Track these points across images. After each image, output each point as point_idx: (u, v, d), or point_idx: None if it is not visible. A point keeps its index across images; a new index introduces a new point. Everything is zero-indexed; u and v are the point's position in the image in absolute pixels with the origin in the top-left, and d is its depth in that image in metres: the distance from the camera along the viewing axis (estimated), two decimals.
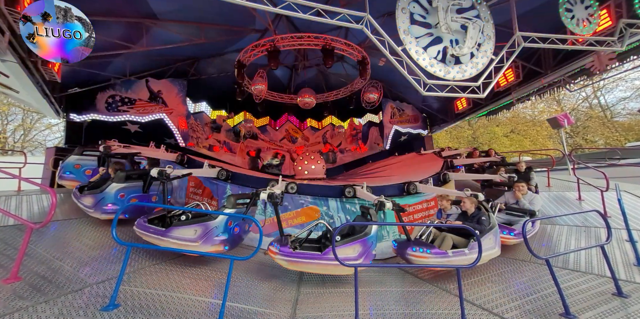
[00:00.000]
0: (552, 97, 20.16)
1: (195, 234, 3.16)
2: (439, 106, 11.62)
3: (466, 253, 3.21)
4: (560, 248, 3.92)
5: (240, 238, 3.76)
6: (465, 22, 4.67)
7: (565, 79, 7.50)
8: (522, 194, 4.32)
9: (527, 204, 4.23)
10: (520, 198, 4.30)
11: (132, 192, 3.96)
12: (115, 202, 3.79)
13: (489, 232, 3.36)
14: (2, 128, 18.67)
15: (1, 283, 2.28)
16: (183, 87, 9.22)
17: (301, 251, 3.16)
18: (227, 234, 3.29)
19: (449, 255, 3.18)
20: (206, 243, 3.15)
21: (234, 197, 3.48)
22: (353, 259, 3.03)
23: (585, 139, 21.05)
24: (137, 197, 4.00)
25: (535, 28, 5.24)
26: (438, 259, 3.17)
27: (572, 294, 2.68)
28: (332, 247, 2.61)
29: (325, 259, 3.05)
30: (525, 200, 4.27)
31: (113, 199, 3.78)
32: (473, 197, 3.74)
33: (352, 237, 3.15)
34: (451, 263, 3.11)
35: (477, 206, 3.66)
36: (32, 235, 2.53)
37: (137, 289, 2.52)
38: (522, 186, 4.37)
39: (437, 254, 3.20)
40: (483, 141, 22.42)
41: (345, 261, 2.85)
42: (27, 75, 4.99)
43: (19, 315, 1.92)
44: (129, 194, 3.93)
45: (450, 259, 3.16)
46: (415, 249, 3.28)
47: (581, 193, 5.48)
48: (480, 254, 2.65)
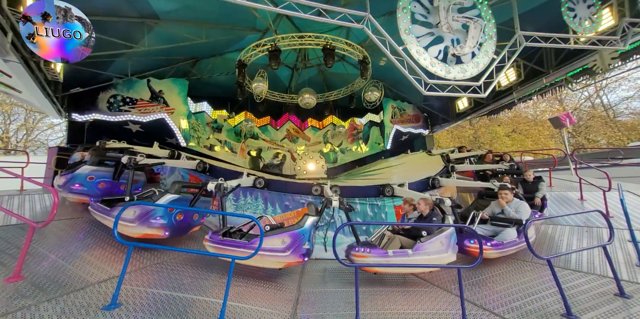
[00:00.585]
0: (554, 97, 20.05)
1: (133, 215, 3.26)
2: (440, 105, 11.58)
3: (409, 254, 3.16)
4: (562, 248, 3.90)
5: (187, 226, 3.75)
6: (466, 21, 4.65)
7: (568, 79, 7.46)
8: (506, 202, 3.89)
9: (513, 212, 3.81)
10: (504, 206, 3.87)
11: (101, 176, 4.01)
12: (83, 183, 3.83)
13: (438, 235, 3.24)
14: (5, 128, 18.79)
15: (4, 282, 2.30)
16: (184, 87, 9.24)
17: (229, 239, 3.15)
18: (166, 219, 3.34)
19: (389, 255, 3.18)
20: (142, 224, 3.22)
21: (179, 184, 3.54)
22: (280, 251, 3.04)
23: (588, 138, 20.94)
24: (106, 183, 4.03)
25: (537, 27, 5.22)
26: (377, 258, 3.19)
27: (573, 295, 2.67)
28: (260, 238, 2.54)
29: (249, 248, 3.01)
30: (511, 208, 3.84)
31: (82, 179, 3.84)
32: (429, 199, 3.67)
33: (282, 229, 3.18)
34: (391, 263, 3.14)
35: (431, 207, 3.58)
36: (34, 234, 2.55)
37: (138, 288, 2.53)
38: (506, 193, 3.92)
39: (377, 253, 3.20)
40: (484, 140, 22.35)
41: (273, 253, 2.95)
42: (29, 75, 5.02)
43: (21, 314, 1.93)
44: (98, 178, 3.97)
45: (390, 259, 3.16)
46: (358, 249, 3.33)
47: (583, 193, 5.45)
48: (481, 255, 2.64)
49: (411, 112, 12.07)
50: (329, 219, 5.01)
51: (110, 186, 4.17)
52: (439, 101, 11.27)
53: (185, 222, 3.70)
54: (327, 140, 12.85)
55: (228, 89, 9.98)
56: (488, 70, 4.82)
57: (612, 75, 12.84)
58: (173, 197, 3.61)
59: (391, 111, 11.56)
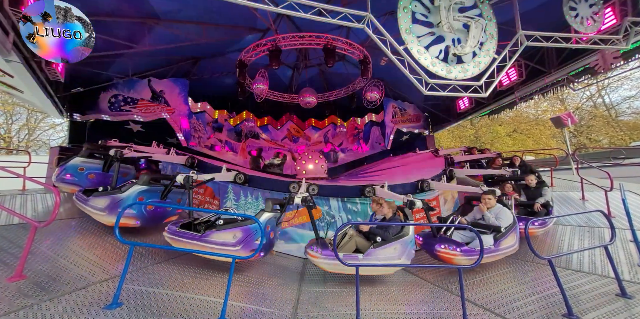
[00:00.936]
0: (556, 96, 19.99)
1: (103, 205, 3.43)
2: (441, 105, 11.57)
3: (359, 258, 3.11)
4: (564, 248, 3.89)
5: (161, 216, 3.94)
6: (467, 21, 4.64)
7: (569, 78, 7.43)
8: (488, 208, 3.69)
9: (492, 219, 3.59)
10: (484, 212, 3.66)
11: (92, 168, 4.20)
12: (74, 174, 4.03)
13: (393, 241, 3.17)
14: (7, 128, 18.87)
15: (6, 281, 2.31)
16: (185, 87, 9.25)
17: (184, 231, 3.18)
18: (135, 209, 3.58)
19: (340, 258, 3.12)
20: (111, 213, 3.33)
21: (148, 176, 3.61)
22: (231, 245, 3.05)
23: (590, 138, 20.86)
24: (96, 175, 4.25)
25: (538, 26, 5.20)
26: (326, 260, 3.16)
27: (575, 295, 2.67)
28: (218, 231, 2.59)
29: (202, 241, 3.07)
30: (492, 214, 3.64)
31: (73, 170, 4.05)
32: (393, 203, 3.61)
33: (234, 223, 3.18)
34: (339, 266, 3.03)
35: (394, 211, 3.52)
36: (36, 234, 2.56)
37: (139, 288, 2.54)
38: (489, 198, 3.71)
39: (327, 255, 3.17)
40: (485, 140, 22.31)
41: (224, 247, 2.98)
42: (31, 75, 5.04)
43: (23, 313, 1.94)
44: (89, 170, 4.17)
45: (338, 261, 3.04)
46: (313, 248, 3.32)
47: (585, 193, 5.43)
48: (481, 255, 2.64)
49: (412, 112, 12.06)
50: (330, 219, 5.02)
51: (100, 177, 4.34)
52: (440, 101, 11.25)
53: (158, 213, 3.87)
54: (328, 140, 12.85)
55: (229, 88, 10.00)
56: (489, 69, 4.81)
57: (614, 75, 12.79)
58: (141, 188, 3.82)
59: (392, 111, 11.55)
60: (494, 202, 3.73)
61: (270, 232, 3.38)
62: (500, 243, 3.42)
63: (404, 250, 3.24)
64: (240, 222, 3.19)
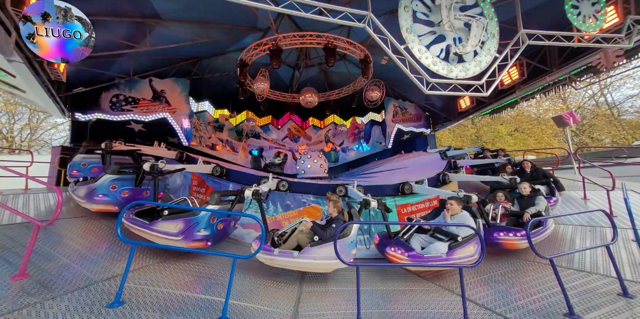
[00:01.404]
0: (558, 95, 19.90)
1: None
2: (442, 104, 11.53)
3: (293, 255, 3.12)
4: (565, 247, 3.88)
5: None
6: (468, 20, 4.62)
7: (571, 77, 7.39)
8: (451, 215, 3.57)
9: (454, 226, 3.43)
10: (446, 218, 3.58)
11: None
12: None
13: (330, 241, 3.08)
14: (10, 127, 18.95)
15: (10, 280, 2.33)
16: (186, 87, 9.27)
17: (135, 218, 3.37)
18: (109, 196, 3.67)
19: (274, 254, 3.18)
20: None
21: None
22: (173, 235, 3.20)
23: (592, 137, 20.76)
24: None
25: (540, 25, 5.16)
26: (264, 254, 3.20)
27: (576, 294, 2.66)
28: None
29: (149, 229, 3.26)
30: (454, 221, 3.49)
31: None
32: (339, 202, 3.56)
33: (177, 215, 3.31)
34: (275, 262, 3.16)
35: (339, 211, 3.51)
36: (39, 233, 2.57)
37: (141, 286, 2.56)
38: (451, 204, 3.59)
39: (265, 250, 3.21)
40: (487, 139, 22.25)
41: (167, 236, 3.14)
42: (33, 75, 5.06)
43: (27, 311, 1.96)
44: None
45: (274, 257, 3.17)
46: (255, 240, 3.45)
47: (587, 192, 5.41)
48: (482, 254, 2.63)
49: (413, 111, 12.03)
50: None
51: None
52: (441, 100, 11.22)
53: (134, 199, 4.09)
54: (329, 139, 12.85)
55: (230, 88, 10.00)
56: (490, 69, 4.79)
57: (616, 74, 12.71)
58: (111, 177, 4.19)
59: (393, 110, 11.53)
60: (456, 208, 3.57)
61: (217, 223, 3.46)
62: (455, 252, 3.21)
63: (342, 251, 3.08)
64: (183, 214, 3.31)
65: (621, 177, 5.33)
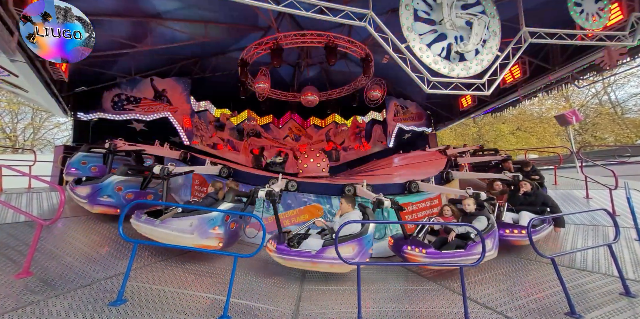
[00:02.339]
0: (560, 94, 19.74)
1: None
2: (443, 103, 11.48)
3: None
4: (567, 246, 3.87)
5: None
6: (470, 18, 4.59)
7: (574, 75, 7.33)
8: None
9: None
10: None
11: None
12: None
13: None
14: (13, 126, 19.09)
15: (14, 278, 2.36)
16: (187, 86, 9.29)
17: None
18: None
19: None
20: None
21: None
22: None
23: (595, 136, 20.62)
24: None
25: (542, 23, 5.12)
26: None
27: (578, 294, 2.66)
28: None
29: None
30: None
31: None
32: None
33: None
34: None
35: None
36: (42, 231, 2.59)
37: (143, 285, 2.57)
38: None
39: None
40: (489, 138, 22.15)
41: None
42: (35, 74, 5.09)
43: (31, 309, 1.98)
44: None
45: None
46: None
47: (589, 191, 5.38)
48: (483, 253, 2.63)
49: (414, 110, 11.99)
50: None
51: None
52: (443, 99, 11.17)
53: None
54: (330, 138, 12.84)
55: (231, 87, 10.01)
56: (492, 67, 4.76)
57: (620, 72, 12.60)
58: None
59: (394, 109, 11.49)
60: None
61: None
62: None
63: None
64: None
65: (624, 176, 5.29)
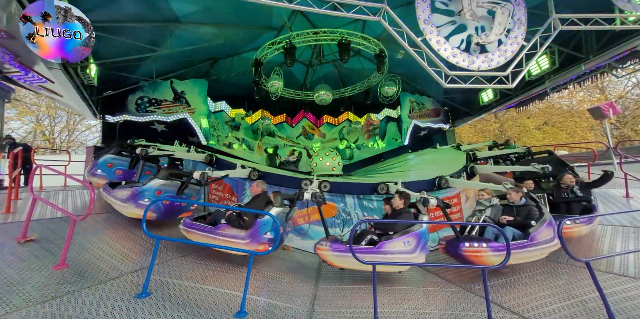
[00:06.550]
0: (594, 85, 18.21)
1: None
2: (462, 98, 10.99)
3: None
4: (604, 249, 3.56)
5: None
6: (492, 7, 4.33)
7: (612, 64, 6.70)
8: None
9: None
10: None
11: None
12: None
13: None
14: (51, 129, 20.77)
15: (52, 269, 2.55)
16: (204, 87, 9.58)
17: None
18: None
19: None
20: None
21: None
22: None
23: (635, 130, 18.82)
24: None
25: (574, 8, 4.72)
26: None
27: (617, 301, 2.44)
28: None
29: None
30: None
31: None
32: None
33: None
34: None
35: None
36: (75, 226, 2.79)
37: (165, 279, 2.69)
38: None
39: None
40: (512, 134, 20.91)
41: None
42: (68, 80, 5.47)
43: (67, 298, 2.14)
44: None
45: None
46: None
47: (629, 190, 4.93)
48: (508, 255, 2.48)
49: (430, 106, 11.58)
50: (345, 216, 4.99)
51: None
52: (461, 94, 10.69)
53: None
54: (343, 136, 12.73)
55: (245, 87, 10.19)
56: (517, 58, 4.47)
57: None
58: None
59: (409, 106, 11.17)
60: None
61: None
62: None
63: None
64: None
65: None
